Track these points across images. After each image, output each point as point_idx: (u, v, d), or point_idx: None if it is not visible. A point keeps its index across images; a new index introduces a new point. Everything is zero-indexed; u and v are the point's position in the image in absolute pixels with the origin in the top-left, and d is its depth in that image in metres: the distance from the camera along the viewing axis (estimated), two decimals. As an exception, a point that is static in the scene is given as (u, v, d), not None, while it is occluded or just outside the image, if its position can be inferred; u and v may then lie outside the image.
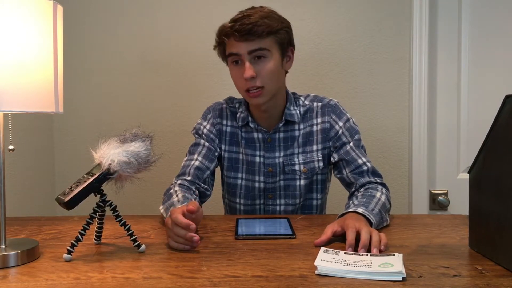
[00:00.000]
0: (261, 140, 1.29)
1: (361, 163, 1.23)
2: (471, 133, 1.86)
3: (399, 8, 1.83)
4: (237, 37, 1.15)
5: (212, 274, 0.76)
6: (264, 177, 1.29)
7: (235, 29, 1.15)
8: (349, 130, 1.27)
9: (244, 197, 1.31)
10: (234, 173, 1.31)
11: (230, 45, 1.19)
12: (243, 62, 1.17)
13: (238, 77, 1.20)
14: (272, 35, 1.18)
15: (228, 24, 1.18)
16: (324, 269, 0.76)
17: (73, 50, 1.83)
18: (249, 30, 1.14)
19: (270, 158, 1.29)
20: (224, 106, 1.35)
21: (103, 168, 0.82)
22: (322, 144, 1.28)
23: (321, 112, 1.29)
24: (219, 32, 1.21)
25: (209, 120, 1.33)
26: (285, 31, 1.22)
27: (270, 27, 1.16)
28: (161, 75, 1.85)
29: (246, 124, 1.30)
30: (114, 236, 1.01)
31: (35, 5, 0.79)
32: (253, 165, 1.30)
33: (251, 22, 1.14)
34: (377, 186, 1.20)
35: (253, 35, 1.15)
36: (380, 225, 1.07)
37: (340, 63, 1.84)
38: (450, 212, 1.86)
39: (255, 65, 1.17)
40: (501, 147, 0.79)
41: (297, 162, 1.28)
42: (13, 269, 0.79)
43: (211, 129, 1.32)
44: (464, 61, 1.85)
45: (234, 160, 1.32)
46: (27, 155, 1.65)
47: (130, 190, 0.88)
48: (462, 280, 0.73)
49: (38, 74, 0.80)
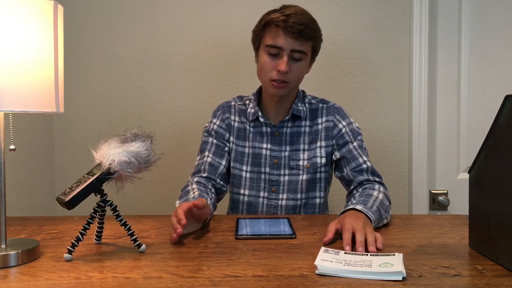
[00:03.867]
0: (269, 133, 1.34)
1: (361, 161, 1.28)
2: (471, 133, 1.86)
3: (399, 8, 1.83)
4: (287, 32, 1.20)
5: (213, 274, 0.76)
6: (269, 169, 1.33)
7: (289, 24, 1.19)
8: (352, 131, 1.33)
9: (249, 188, 1.34)
10: (240, 165, 1.35)
11: (275, 36, 1.22)
12: (281, 55, 1.22)
13: (270, 66, 1.24)
14: (312, 41, 1.25)
15: (280, 16, 1.20)
16: (324, 269, 0.76)
17: (73, 50, 1.83)
18: (302, 30, 1.19)
19: (277, 151, 1.33)
20: (232, 104, 1.41)
21: (104, 168, 0.82)
22: (325, 142, 1.33)
23: (326, 112, 1.35)
24: (269, 19, 1.23)
25: (219, 116, 1.39)
26: (321, 40, 1.29)
27: (315, 33, 1.24)
28: (161, 75, 1.85)
29: (255, 119, 1.35)
30: (115, 236, 1.01)
31: (35, 5, 0.80)
32: (260, 157, 1.34)
33: (303, 23, 1.20)
34: (374, 184, 1.23)
35: (302, 36, 1.20)
36: (380, 222, 1.08)
37: (340, 63, 1.84)
38: (450, 212, 1.86)
39: (290, 63, 1.23)
40: (501, 147, 0.79)
41: (301, 158, 1.32)
42: (14, 268, 0.79)
43: (221, 124, 1.38)
44: (464, 61, 1.84)
45: (240, 153, 1.35)
46: (27, 155, 1.65)
47: (130, 190, 0.89)
48: (462, 280, 0.73)
49: (38, 74, 0.80)
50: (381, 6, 1.83)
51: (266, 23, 1.24)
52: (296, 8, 1.24)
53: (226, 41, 1.84)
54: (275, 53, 1.23)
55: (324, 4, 1.83)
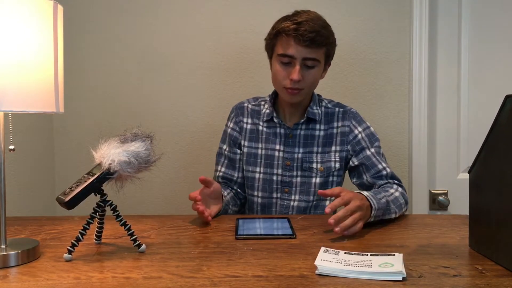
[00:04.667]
0: (283, 135, 1.34)
1: (381, 168, 1.28)
2: (471, 133, 1.86)
3: (399, 8, 1.83)
4: (298, 41, 1.18)
5: (212, 274, 0.76)
6: (282, 170, 1.33)
7: (300, 33, 1.17)
8: (369, 137, 1.32)
9: (262, 190, 1.35)
10: (253, 167, 1.36)
11: (286, 45, 1.21)
12: (293, 64, 1.22)
13: (283, 75, 1.24)
14: (325, 47, 1.24)
15: (291, 24, 1.19)
16: (324, 269, 0.76)
17: (73, 50, 1.83)
18: (313, 38, 1.18)
19: (290, 152, 1.33)
20: (245, 105, 1.41)
21: (104, 168, 0.82)
22: (340, 147, 1.33)
23: (342, 117, 1.35)
24: (280, 28, 1.22)
25: (232, 119, 1.42)
26: (334, 45, 1.28)
27: (328, 39, 1.22)
28: (161, 75, 1.85)
29: (270, 120, 1.35)
30: (114, 236, 1.01)
31: (35, 5, 0.80)
32: (272, 159, 1.34)
33: (314, 30, 1.18)
34: (393, 185, 1.24)
35: (314, 43, 1.19)
36: (387, 215, 1.10)
37: (340, 63, 1.84)
38: (450, 212, 1.86)
39: (303, 71, 1.22)
40: (502, 147, 0.79)
41: (315, 160, 1.32)
42: (14, 269, 0.79)
43: (234, 127, 1.40)
44: (464, 61, 1.84)
45: (253, 155, 1.36)
46: (27, 155, 1.65)
47: (130, 190, 0.89)
48: (462, 280, 0.73)
49: (38, 74, 0.80)
50: (381, 6, 1.83)
51: (277, 32, 1.23)
52: (308, 14, 1.22)
53: (226, 41, 1.84)
54: (287, 61, 1.22)
55: (324, 4, 1.83)
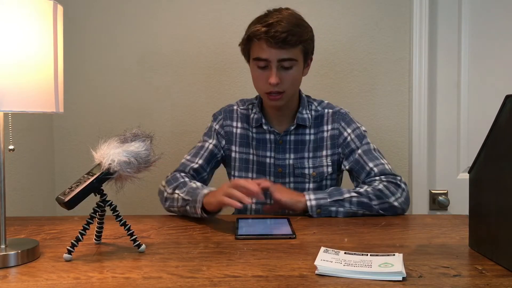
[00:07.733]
0: (273, 141, 1.32)
1: (368, 169, 1.25)
2: (471, 133, 1.85)
3: (399, 8, 1.83)
4: (270, 44, 1.16)
5: (212, 274, 0.76)
6: (274, 178, 1.32)
7: (270, 36, 1.14)
8: (358, 137, 1.29)
9: None
10: (245, 173, 1.34)
11: (259, 49, 1.19)
12: (270, 67, 1.19)
13: (261, 80, 1.22)
14: (301, 45, 1.20)
15: (261, 27, 1.16)
16: (324, 269, 0.76)
17: (73, 50, 1.83)
18: (284, 39, 1.15)
19: (280, 159, 1.31)
20: (235, 108, 1.37)
21: (103, 168, 0.82)
22: (331, 150, 1.31)
23: (332, 119, 1.32)
24: (251, 33, 1.19)
25: (219, 121, 1.37)
26: (311, 40, 1.24)
27: (301, 36, 1.18)
28: (160, 75, 1.85)
29: (259, 126, 1.32)
30: (114, 236, 1.01)
31: (35, 5, 0.79)
32: (264, 166, 1.32)
33: (286, 30, 1.14)
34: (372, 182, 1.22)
35: (287, 44, 1.16)
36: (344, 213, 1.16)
37: (340, 63, 1.84)
38: (450, 212, 1.86)
39: (281, 72, 1.20)
40: (502, 147, 0.79)
41: (307, 166, 1.30)
42: (13, 269, 0.79)
43: (220, 130, 1.35)
44: (464, 61, 1.84)
45: (244, 161, 1.34)
46: (27, 155, 1.65)
47: (130, 190, 0.88)
48: (462, 280, 0.73)
49: (38, 74, 0.80)
50: (381, 6, 1.83)
51: (249, 37, 1.20)
52: (281, 13, 1.18)
53: (226, 41, 1.84)
54: (263, 65, 1.20)
55: (324, 4, 1.83)
